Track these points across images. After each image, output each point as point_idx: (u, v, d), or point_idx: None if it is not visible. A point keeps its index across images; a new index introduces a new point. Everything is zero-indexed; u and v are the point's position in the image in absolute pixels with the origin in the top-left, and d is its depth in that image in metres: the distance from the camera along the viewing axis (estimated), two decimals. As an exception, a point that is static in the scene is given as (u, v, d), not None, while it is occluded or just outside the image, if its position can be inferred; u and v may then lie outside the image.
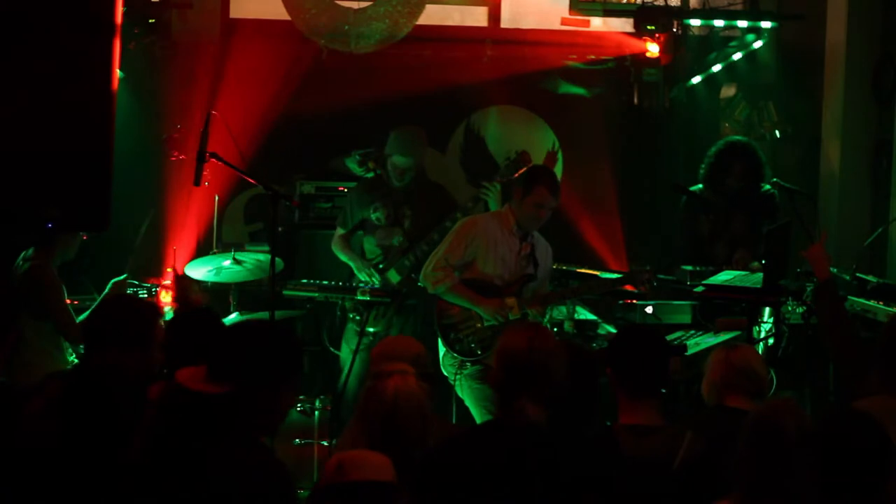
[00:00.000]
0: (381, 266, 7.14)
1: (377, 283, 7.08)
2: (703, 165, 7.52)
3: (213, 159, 6.27)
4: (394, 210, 7.08)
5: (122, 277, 6.48)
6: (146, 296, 7.32)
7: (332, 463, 3.43)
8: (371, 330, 7.00)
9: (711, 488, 3.79)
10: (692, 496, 3.92)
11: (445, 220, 6.91)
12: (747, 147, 7.49)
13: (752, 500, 3.34)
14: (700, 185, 7.48)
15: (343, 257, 7.31)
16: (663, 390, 4.71)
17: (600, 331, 6.82)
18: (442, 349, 6.57)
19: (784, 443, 3.34)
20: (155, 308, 4.60)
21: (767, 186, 7.50)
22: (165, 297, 7.20)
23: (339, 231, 7.36)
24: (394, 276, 7.08)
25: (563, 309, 6.92)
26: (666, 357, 4.38)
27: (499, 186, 7.05)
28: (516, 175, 6.90)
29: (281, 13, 8.11)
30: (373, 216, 7.22)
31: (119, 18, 6.27)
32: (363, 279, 7.12)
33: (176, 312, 5.04)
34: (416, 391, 3.93)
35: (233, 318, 7.02)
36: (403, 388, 3.91)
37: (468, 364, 6.47)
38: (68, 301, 6.21)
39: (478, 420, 6.31)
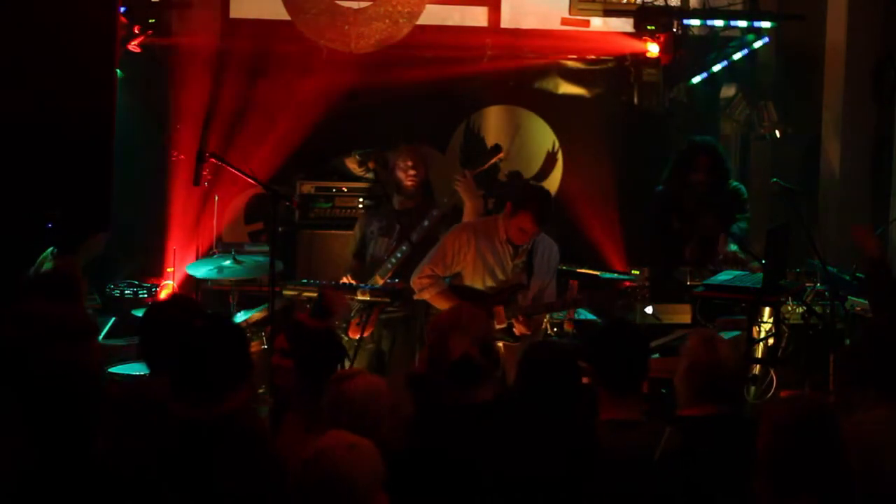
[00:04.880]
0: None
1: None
2: (667, 168, 7.57)
3: (213, 159, 6.28)
4: (387, 223, 7.10)
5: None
6: (146, 296, 7.33)
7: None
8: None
9: (689, 483, 3.83)
10: (670, 491, 3.94)
11: (424, 220, 6.91)
12: (710, 143, 7.57)
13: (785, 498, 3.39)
14: (660, 187, 7.56)
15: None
16: (663, 390, 4.72)
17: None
18: None
19: (828, 439, 3.42)
20: None
21: (735, 183, 7.56)
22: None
23: (353, 261, 7.30)
24: (377, 282, 7.03)
25: (563, 309, 6.91)
26: (646, 352, 4.38)
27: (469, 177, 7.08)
28: (486, 166, 7.00)
29: (281, 13, 8.10)
30: (369, 231, 7.24)
31: (119, 19, 6.27)
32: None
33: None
34: (382, 387, 3.99)
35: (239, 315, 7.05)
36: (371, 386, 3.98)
37: None
38: None
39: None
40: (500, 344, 6.35)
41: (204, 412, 3.38)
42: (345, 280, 7.03)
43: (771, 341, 6.37)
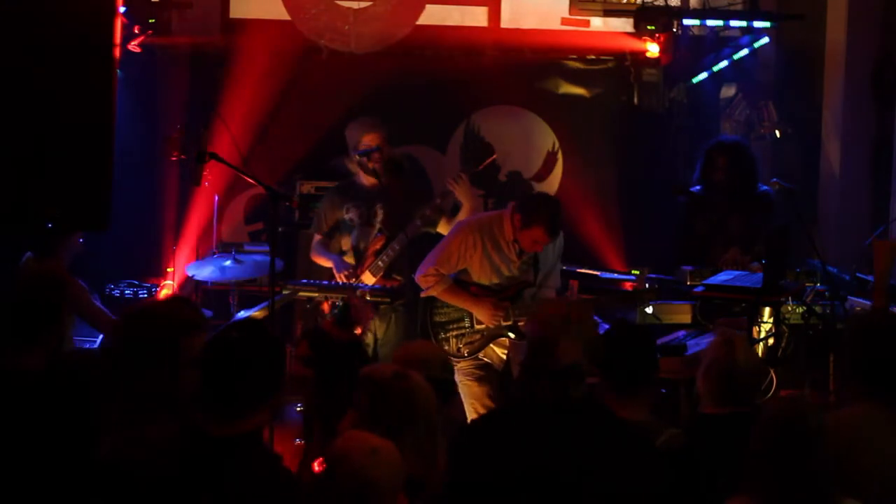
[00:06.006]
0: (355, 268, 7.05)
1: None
2: (697, 166, 7.56)
3: (213, 159, 6.28)
4: (366, 210, 7.01)
5: None
6: (146, 296, 7.33)
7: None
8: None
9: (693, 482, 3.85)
10: (670, 491, 3.95)
11: (416, 218, 6.85)
12: (735, 144, 7.51)
13: (769, 496, 3.38)
14: (697, 187, 7.52)
15: (321, 261, 7.05)
16: (663, 390, 4.72)
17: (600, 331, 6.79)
18: None
19: (803, 438, 3.43)
20: None
21: (765, 187, 7.52)
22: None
23: (316, 236, 7.12)
24: (368, 279, 6.98)
25: (563, 309, 6.90)
26: (653, 354, 4.38)
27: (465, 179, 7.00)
28: (481, 167, 6.94)
29: (281, 13, 8.11)
30: (346, 218, 7.07)
31: (119, 19, 6.28)
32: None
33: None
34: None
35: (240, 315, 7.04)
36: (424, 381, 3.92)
37: (459, 361, 6.48)
38: None
39: (468, 414, 6.31)
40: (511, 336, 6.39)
41: (227, 429, 3.33)
42: (341, 278, 6.98)
43: (771, 341, 6.37)
